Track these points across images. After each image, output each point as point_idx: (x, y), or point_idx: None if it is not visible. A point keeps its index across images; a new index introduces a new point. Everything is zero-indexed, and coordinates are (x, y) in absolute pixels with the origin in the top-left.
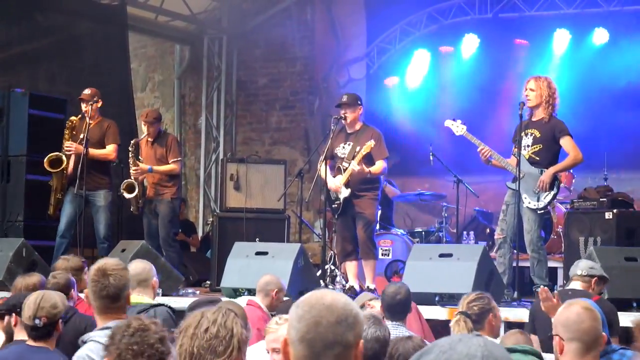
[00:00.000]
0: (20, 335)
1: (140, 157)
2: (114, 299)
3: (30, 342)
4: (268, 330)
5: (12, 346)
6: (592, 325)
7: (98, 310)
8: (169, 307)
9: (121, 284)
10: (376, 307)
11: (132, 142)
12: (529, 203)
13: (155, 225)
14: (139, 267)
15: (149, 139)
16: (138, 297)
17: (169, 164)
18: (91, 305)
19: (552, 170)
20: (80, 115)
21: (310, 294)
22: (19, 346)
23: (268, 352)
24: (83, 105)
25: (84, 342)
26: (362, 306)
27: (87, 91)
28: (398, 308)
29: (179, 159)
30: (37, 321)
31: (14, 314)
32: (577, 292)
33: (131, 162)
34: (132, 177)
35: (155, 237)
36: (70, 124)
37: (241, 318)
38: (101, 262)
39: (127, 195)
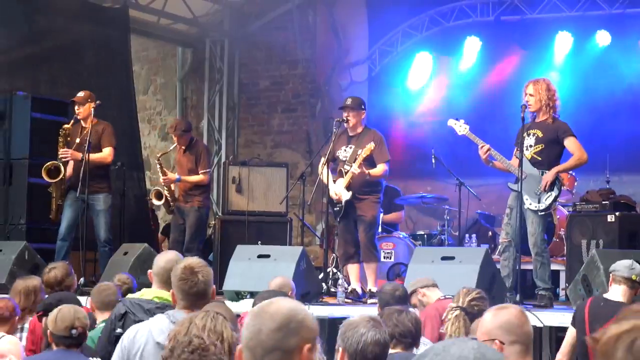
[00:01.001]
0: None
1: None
2: (202, 296)
3: (61, 348)
4: None
5: (50, 352)
6: (530, 328)
7: (183, 306)
8: None
9: (208, 279)
10: (431, 297)
11: (159, 154)
12: (530, 204)
13: (182, 230)
14: (174, 261)
15: (182, 148)
16: (168, 295)
17: (198, 173)
18: (176, 302)
19: (555, 169)
20: (72, 121)
21: (262, 302)
22: (58, 351)
23: None
24: (76, 108)
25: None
26: (414, 292)
27: (80, 94)
28: (395, 304)
29: (207, 170)
30: (73, 331)
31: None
32: (614, 305)
33: (160, 172)
34: (163, 186)
35: (180, 242)
36: (63, 131)
37: (230, 321)
38: (187, 261)
39: (155, 202)
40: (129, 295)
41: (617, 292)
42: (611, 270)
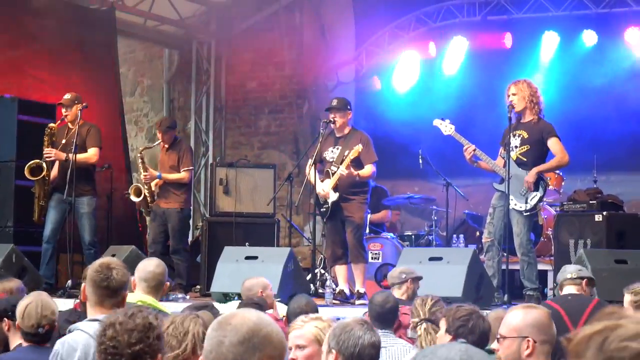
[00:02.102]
0: (16, 339)
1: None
2: (113, 293)
3: (31, 345)
4: (293, 326)
5: (21, 348)
6: (555, 330)
7: (93, 302)
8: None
9: (123, 280)
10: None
11: (141, 148)
12: (515, 205)
13: (161, 231)
14: (161, 267)
15: (165, 146)
16: (153, 300)
17: (180, 172)
18: (87, 298)
19: (536, 169)
20: (58, 121)
21: (228, 313)
22: (26, 348)
23: (290, 349)
24: (63, 110)
25: (70, 331)
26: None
27: (67, 96)
28: (388, 316)
29: (190, 168)
30: (40, 329)
31: (5, 319)
32: (578, 297)
33: (141, 168)
34: (143, 182)
35: (159, 242)
36: (49, 130)
37: (206, 321)
38: (106, 259)
39: (134, 199)
40: None
41: (567, 290)
42: (558, 280)
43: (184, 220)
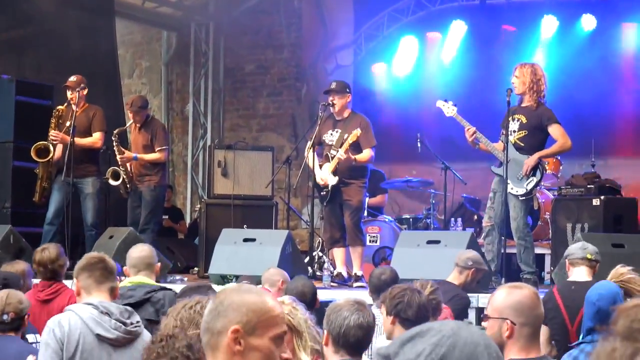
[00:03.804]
0: None
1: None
2: (109, 274)
3: None
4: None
5: None
6: (542, 311)
7: (88, 287)
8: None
9: (114, 266)
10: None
11: (115, 131)
12: (512, 189)
13: (138, 212)
14: (145, 250)
15: (137, 126)
16: (144, 278)
17: (155, 152)
18: (79, 288)
19: (538, 154)
20: (66, 104)
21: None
22: None
23: None
24: (69, 93)
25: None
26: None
27: (72, 78)
28: (385, 288)
29: (164, 147)
30: (5, 317)
31: None
32: (585, 286)
33: (116, 150)
34: (119, 165)
35: (137, 224)
36: (57, 112)
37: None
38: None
39: (112, 182)
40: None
41: (580, 274)
42: (566, 255)
43: (157, 199)
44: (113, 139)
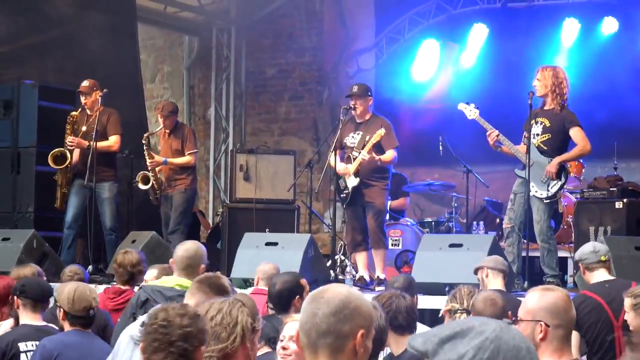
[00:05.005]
0: (26, 318)
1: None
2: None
3: (77, 329)
4: (291, 317)
5: (69, 332)
6: (574, 314)
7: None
8: None
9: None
10: (490, 282)
11: (145, 134)
12: (536, 192)
13: (170, 216)
14: (190, 250)
15: (166, 131)
16: (181, 280)
17: (185, 156)
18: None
19: (558, 159)
20: (80, 109)
21: (321, 287)
22: (75, 332)
23: (282, 339)
24: (82, 98)
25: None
26: (480, 268)
27: (85, 83)
28: None
29: (194, 151)
30: (92, 312)
31: (15, 296)
32: (614, 283)
33: (146, 154)
34: (149, 169)
35: None
36: (71, 118)
37: (250, 308)
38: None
39: (142, 187)
40: (150, 282)
41: (601, 276)
42: (577, 260)
43: (188, 201)
44: (143, 142)
